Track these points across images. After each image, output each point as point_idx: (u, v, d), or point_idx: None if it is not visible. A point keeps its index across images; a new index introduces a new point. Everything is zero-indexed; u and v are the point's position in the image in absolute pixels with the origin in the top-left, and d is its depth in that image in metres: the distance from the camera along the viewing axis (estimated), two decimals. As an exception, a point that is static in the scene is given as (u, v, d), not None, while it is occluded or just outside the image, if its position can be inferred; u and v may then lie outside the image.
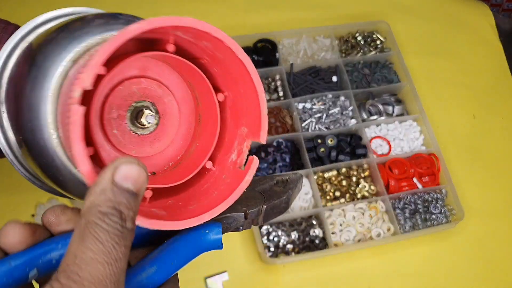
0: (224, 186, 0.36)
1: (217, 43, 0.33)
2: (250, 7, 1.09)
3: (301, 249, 0.83)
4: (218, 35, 0.32)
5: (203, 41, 0.34)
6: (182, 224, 0.32)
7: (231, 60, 0.34)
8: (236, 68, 0.35)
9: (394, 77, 1.01)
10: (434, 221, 0.87)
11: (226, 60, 0.35)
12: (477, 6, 1.19)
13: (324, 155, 0.90)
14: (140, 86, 0.37)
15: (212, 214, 0.33)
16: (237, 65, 0.34)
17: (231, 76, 0.37)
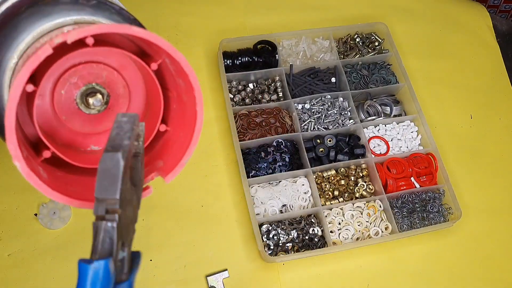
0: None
1: (190, 89, 0.36)
2: (250, 9, 1.10)
3: (300, 248, 0.84)
4: (194, 84, 0.35)
5: (180, 78, 0.37)
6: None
7: (191, 109, 0.38)
8: (191, 117, 0.38)
9: (392, 78, 1.02)
10: (432, 220, 0.88)
11: (188, 106, 0.39)
12: (474, 7, 1.20)
13: (323, 155, 0.91)
14: (106, 73, 0.40)
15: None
16: (193, 115, 0.38)
17: (183, 119, 0.40)
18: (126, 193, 0.31)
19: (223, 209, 0.87)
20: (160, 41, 0.34)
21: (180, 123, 0.42)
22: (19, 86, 0.31)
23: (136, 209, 0.33)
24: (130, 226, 0.32)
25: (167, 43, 0.34)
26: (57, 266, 0.79)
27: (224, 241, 0.85)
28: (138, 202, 0.34)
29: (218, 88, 0.99)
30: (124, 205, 0.31)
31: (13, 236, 0.81)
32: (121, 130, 0.32)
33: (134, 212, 0.33)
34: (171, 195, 0.87)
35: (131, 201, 0.32)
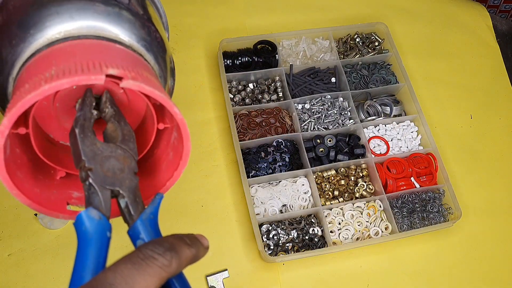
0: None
1: (179, 156, 0.40)
2: (250, 9, 1.10)
3: (300, 248, 0.84)
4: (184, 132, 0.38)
5: (176, 143, 0.40)
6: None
7: (169, 164, 0.41)
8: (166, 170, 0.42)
9: (392, 78, 1.02)
10: (432, 220, 0.88)
11: (169, 159, 0.42)
12: (474, 7, 1.20)
13: (323, 154, 0.91)
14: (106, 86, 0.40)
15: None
16: (169, 172, 0.42)
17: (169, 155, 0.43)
18: (96, 150, 0.34)
19: (223, 209, 0.88)
20: (183, 125, 0.37)
21: (148, 174, 0.43)
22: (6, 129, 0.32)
23: (126, 159, 0.36)
24: (121, 175, 0.35)
25: (185, 126, 0.37)
26: (57, 266, 0.79)
27: (224, 241, 0.85)
28: (127, 154, 0.36)
29: (218, 88, 0.99)
30: (98, 161, 0.34)
31: (13, 236, 0.81)
32: (81, 107, 0.36)
33: (123, 162, 0.35)
34: (171, 195, 0.87)
35: (111, 155, 0.35)
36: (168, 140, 0.42)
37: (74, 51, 0.37)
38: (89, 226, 0.31)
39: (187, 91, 0.98)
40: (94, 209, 0.32)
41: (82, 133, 0.34)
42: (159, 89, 0.35)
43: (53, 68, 0.33)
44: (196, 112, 0.96)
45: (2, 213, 0.82)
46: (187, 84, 0.99)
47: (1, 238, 0.80)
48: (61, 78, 0.31)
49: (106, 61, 0.35)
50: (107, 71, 0.33)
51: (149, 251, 0.29)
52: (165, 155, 0.42)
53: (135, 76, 0.34)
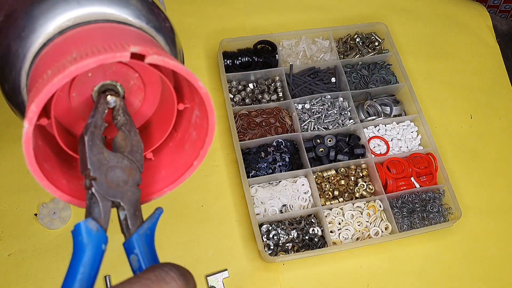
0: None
1: (204, 136, 0.40)
2: (250, 9, 1.10)
3: (300, 248, 0.84)
4: (210, 136, 0.38)
5: (199, 122, 0.40)
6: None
7: (191, 151, 0.41)
8: (185, 158, 0.42)
9: (392, 78, 1.02)
10: (432, 220, 0.88)
11: (189, 145, 0.42)
12: (474, 7, 1.20)
13: (323, 154, 0.91)
14: (122, 70, 0.40)
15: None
16: (189, 160, 0.41)
17: (174, 153, 0.43)
18: (103, 160, 0.34)
19: (223, 209, 0.88)
20: (207, 99, 0.35)
21: (173, 157, 0.43)
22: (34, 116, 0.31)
23: (132, 171, 0.36)
24: (124, 187, 0.35)
25: (210, 100, 0.36)
26: (57, 266, 0.79)
27: (224, 241, 0.85)
28: (134, 165, 0.36)
29: (218, 88, 0.99)
30: (103, 171, 0.34)
31: (13, 236, 0.81)
32: (93, 114, 0.36)
33: (129, 174, 0.36)
34: (171, 195, 0.87)
35: (117, 165, 0.35)
36: (189, 119, 0.41)
37: (90, 34, 0.37)
38: (86, 237, 0.31)
39: (187, 91, 0.98)
40: (93, 220, 0.32)
41: (91, 141, 0.34)
42: (181, 64, 0.35)
43: (74, 51, 0.33)
44: (196, 112, 0.96)
45: (2, 213, 0.82)
46: (187, 84, 0.99)
47: (1, 238, 0.80)
48: (86, 58, 0.31)
49: (125, 40, 0.34)
50: (130, 49, 0.32)
51: (163, 273, 0.30)
52: (187, 136, 0.42)
53: (157, 51, 0.34)
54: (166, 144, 0.43)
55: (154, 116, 0.44)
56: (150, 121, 0.44)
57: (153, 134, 0.44)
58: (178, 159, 0.42)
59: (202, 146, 0.40)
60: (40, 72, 0.35)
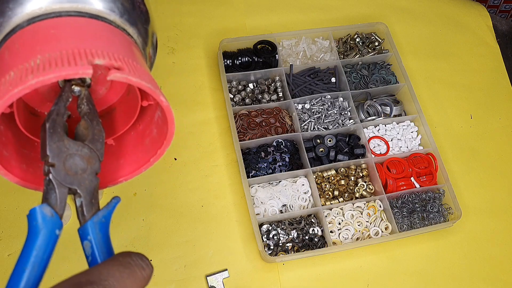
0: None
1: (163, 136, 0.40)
2: (250, 9, 1.10)
3: (300, 248, 0.84)
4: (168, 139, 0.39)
5: (160, 122, 0.41)
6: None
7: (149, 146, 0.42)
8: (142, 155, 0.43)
9: (392, 78, 1.02)
10: (432, 220, 0.88)
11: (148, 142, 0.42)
12: (474, 7, 1.20)
13: (323, 154, 0.91)
14: None
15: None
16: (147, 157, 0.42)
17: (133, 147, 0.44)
18: (62, 147, 0.35)
19: (223, 209, 0.88)
20: (168, 111, 0.37)
21: (132, 148, 0.44)
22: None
23: (91, 159, 0.36)
24: (82, 174, 0.36)
25: (170, 112, 0.37)
26: (57, 266, 0.79)
27: (224, 241, 0.85)
28: (93, 154, 0.37)
29: (218, 88, 0.99)
30: (62, 158, 0.35)
31: (13, 236, 0.81)
32: (58, 102, 0.37)
33: (88, 162, 0.36)
34: (171, 195, 0.87)
35: (76, 153, 0.36)
36: (152, 116, 0.42)
37: (58, 34, 0.37)
38: (40, 222, 0.32)
39: (187, 91, 0.98)
40: (48, 206, 0.33)
41: (52, 128, 0.35)
42: (145, 78, 0.36)
43: (38, 56, 0.33)
44: (196, 112, 0.96)
45: (2, 213, 0.82)
46: (187, 84, 0.99)
47: (1, 238, 0.80)
48: (48, 72, 0.31)
49: (91, 48, 0.35)
50: (94, 61, 0.33)
51: (139, 259, 0.30)
52: (148, 131, 0.42)
53: (121, 65, 0.34)
54: (128, 133, 0.44)
55: (119, 103, 0.44)
56: (115, 107, 0.45)
57: (117, 121, 0.44)
58: (137, 151, 0.43)
59: (160, 146, 0.40)
60: (5, 66, 0.35)
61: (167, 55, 1.01)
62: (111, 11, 0.41)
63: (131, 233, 0.83)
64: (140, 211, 0.85)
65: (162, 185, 0.88)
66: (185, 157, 0.91)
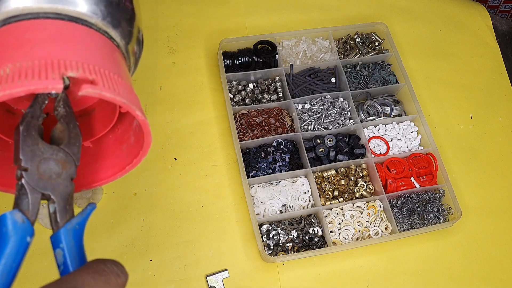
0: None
1: (140, 144, 0.39)
2: (250, 9, 1.10)
3: (300, 248, 0.84)
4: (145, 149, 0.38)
5: (137, 130, 0.40)
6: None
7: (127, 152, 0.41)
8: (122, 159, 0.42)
9: (392, 78, 1.02)
10: (432, 220, 0.88)
11: (127, 148, 0.42)
12: (474, 7, 1.20)
13: (323, 154, 0.91)
14: None
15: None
16: (127, 160, 0.41)
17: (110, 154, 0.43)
18: (37, 151, 0.34)
19: (223, 209, 0.88)
20: (144, 126, 0.36)
21: (110, 152, 0.42)
22: None
23: (66, 164, 0.35)
24: (57, 179, 0.34)
25: (147, 126, 0.36)
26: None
27: (224, 241, 0.85)
28: (69, 158, 0.36)
29: (218, 88, 0.99)
30: (35, 162, 0.33)
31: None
32: (33, 104, 0.36)
33: (63, 167, 0.35)
34: (171, 195, 0.87)
35: (51, 157, 0.34)
36: (131, 123, 0.41)
37: (32, 40, 0.34)
38: (10, 229, 0.31)
39: (187, 91, 0.98)
40: (19, 212, 0.32)
41: (26, 131, 0.34)
42: (121, 92, 0.34)
43: (9, 64, 0.31)
44: (196, 112, 0.96)
45: (2, 213, 0.82)
46: (187, 84, 0.99)
47: None
48: (16, 86, 0.30)
49: (65, 58, 0.33)
50: (66, 74, 0.32)
51: (114, 266, 0.30)
52: (126, 137, 0.41)
53: (96, 79, 0.33)
54: (107, 136, 0.43)
55: (98, 104, 0.43)
56: (94, 108, 0.43)
57: (95, 124, 0.43)
58: (114, 156, 0.42)
59: (136, 155, 0.39)
60: None
61: (167, 55, 1.01)
62: (93, 14, 0.38)
63: (131, 233, 0.83)
64: (140, 211, 0.85)
65: (162, 185, 0.88)
66: (185, 157, 0.91)
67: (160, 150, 0.91)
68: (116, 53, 0.40)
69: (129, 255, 0.81)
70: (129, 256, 0.81)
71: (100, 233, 0.81)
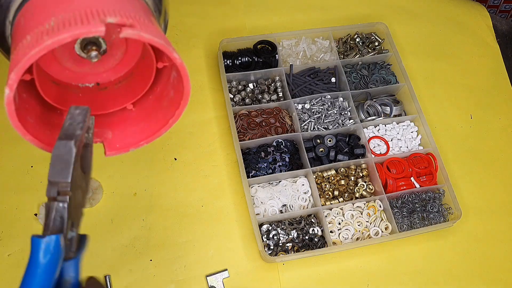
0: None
1: (180, 92, 0.40)
2: (250, 9, 1.10)
3: (300, 248, 0.84)
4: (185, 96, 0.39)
5: (176, 78, 0.41)
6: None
7: (170, 107, 0.42)
8: (166, 113, 0.43)
9: (392, 78, 1.02)
10: (432, 220, 0.88)
11: (168, 101, 0.43)
12: (474, 7, 1.20)
13: (323, 154, 0.91)
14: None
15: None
16: (170, 113, 0.42)
17: (157, 110, 0.44)
18: (76, 178, 0.34)
19: (223, 209, 0.88)
20: (182, 69, 0.36)
21: (151, 111, 0.43)
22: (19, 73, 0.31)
23: (85, 194, 0.36)
24: (79, 209, 0.35)
25: (185, 69, 0.36)
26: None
27: (224, 241, 0.85)
28: (87, 188, 0.37)
29: (218, 88, 0.99)
30: (74, 189, 0.34)
31: (13, 236, 0.81)
32: (74, 121, 0.35)
33: (83, 197, 0.35)
34: (171, 195, 0.87)
35: (80, 186, 0.35)
36: (168, 78, 0.42)
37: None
38: (53, 252, 0.31)
39: (187, 91, 0.98)
40: (62, 237, 0.32)
41: (76, 154, 0.34)
42: (157, 35, 0.35)
43: (52, 18, 0.33)
44: (196, 112, 0.96)
45: (2, 213, 0.82)
46: (187, 84, 0.99)
47: (1, 238, 0.80)
48: (62, 32, 0.31)
49: (103, 7, 0.34)
50: (106, 20, 0.33)
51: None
52: (165, 93, 0.42)
53: (133, 23, 0.34)
54: (146, 97, 0.44)
55: (136, 68, 0.44)
56: (132, 73, 0.45)
57: (135, 86, 0.44)
58: (156, 114, 0.43)
59: (178, 107, 0.40)
60: (21, 31, 0.35)
61: (167, 55, 1.01)
62: None
63: (131, 233, 0.83)
64: (140, 211, 0.85)
65: (162, 185, 0.88)
66: (185, 157, 0.91)
67: (160, 150, 0.91)
68: (147, 9, 0.42)
69: (129, 255, 0.81)
70: (129, 256, 0.81)
71: (100, 233, 0.81)
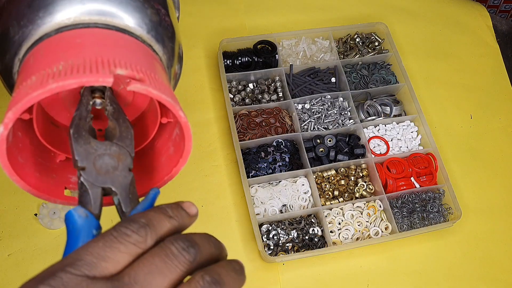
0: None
1: (181, 149, 0.40)
2: (250, 9, 1.10)
3: (300, 248, 0.84)
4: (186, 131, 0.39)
5: (178, 136, 0.41)
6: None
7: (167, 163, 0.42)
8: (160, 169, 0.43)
9: (392, 78, 1.02)
10: (432, 220, 0.88)
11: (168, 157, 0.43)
12: (474, 7, 1.20)
13: (323, 154, 0.91)
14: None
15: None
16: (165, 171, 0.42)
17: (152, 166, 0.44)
18: (90, 149, 0.35)
19: (223, 209, 0.88)
20: (186, 128, 0.37)
21: (148, 166, 0.43)
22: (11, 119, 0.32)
23: (121, 156, 0.36)
24: (114, 172, 0.36)
25: (188, 129, 0.37)
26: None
27: (224, 241, 0.84)
28: (126, 149, 0.37)
29: (218, 88, 0.99)
30: (90, 160, 0.35)
31: (13, 236, 0.81)
32: (79, 107, 0.37)
33: (116, 159, 0.36)
34: (171, 195, 0.87)
35: (105, 153, 0.36)
36: (170, 134, 0.42)
37: (83, 43, 0.37)
38: (76, 224, 0.33)
39: (187, 91, 0.98)
40: (82, 208, 0.33)
41: (76, 133, 0.35)
42: (166, 92, 0.36)
43: (61, 62, 0.33)
44: (196, 112, 0.96)
45: (2, 213, 0.82)
46: (187, 84, 0.99)
47: (1, 238, 0.80)
48: (69, 78, 0.31)
49: (115, 58, 0.35)
50: (115, 71, 0.33)
51: (123, 228, 0.30)
52: (165, 149, 0.42)
53: (143, 77, 0.34)
54: (145, 150, 0.44)
55: (139, 120, 0.44)
56: (134, 124, 0.45)
57: (136, 138, 0.46)
58: (152, 169, 0.43)
59: (176, 164, 0.40)
60: (28, 70, 0.36)
61: (167, 55, 1.01)
62: (139, 27, 0.41)
63: (131, 233, 0.83)
64: (140, 211, 0.85)
65: (162, 185, 0.88)
66: (185, 157, 0.91)
67: (160, 150, 0.91)
68: (158, 64, 0.42)
69: (129, 255, 0.81)
70: (129, 256, 0.81)
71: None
